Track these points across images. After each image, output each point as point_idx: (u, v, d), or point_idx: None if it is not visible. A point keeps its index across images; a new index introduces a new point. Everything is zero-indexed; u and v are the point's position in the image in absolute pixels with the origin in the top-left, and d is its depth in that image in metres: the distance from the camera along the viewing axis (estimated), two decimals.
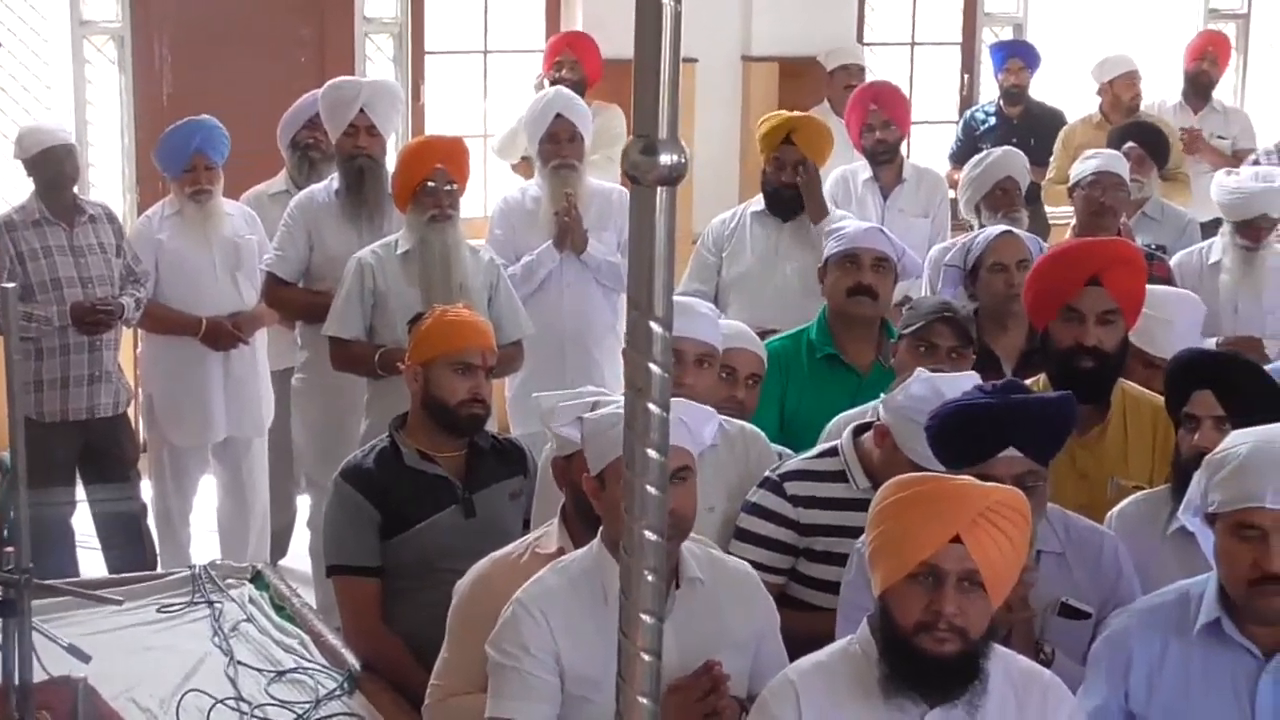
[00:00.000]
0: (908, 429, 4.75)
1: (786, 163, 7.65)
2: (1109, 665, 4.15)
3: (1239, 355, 5.13)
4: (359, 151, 7.54)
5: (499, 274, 7.18)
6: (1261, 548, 3.89)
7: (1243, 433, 4.12)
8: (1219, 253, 7.55)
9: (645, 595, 2.45)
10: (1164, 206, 8.70)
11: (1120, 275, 5.37)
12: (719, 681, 4.20)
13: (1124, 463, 5.29)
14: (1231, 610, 4.00)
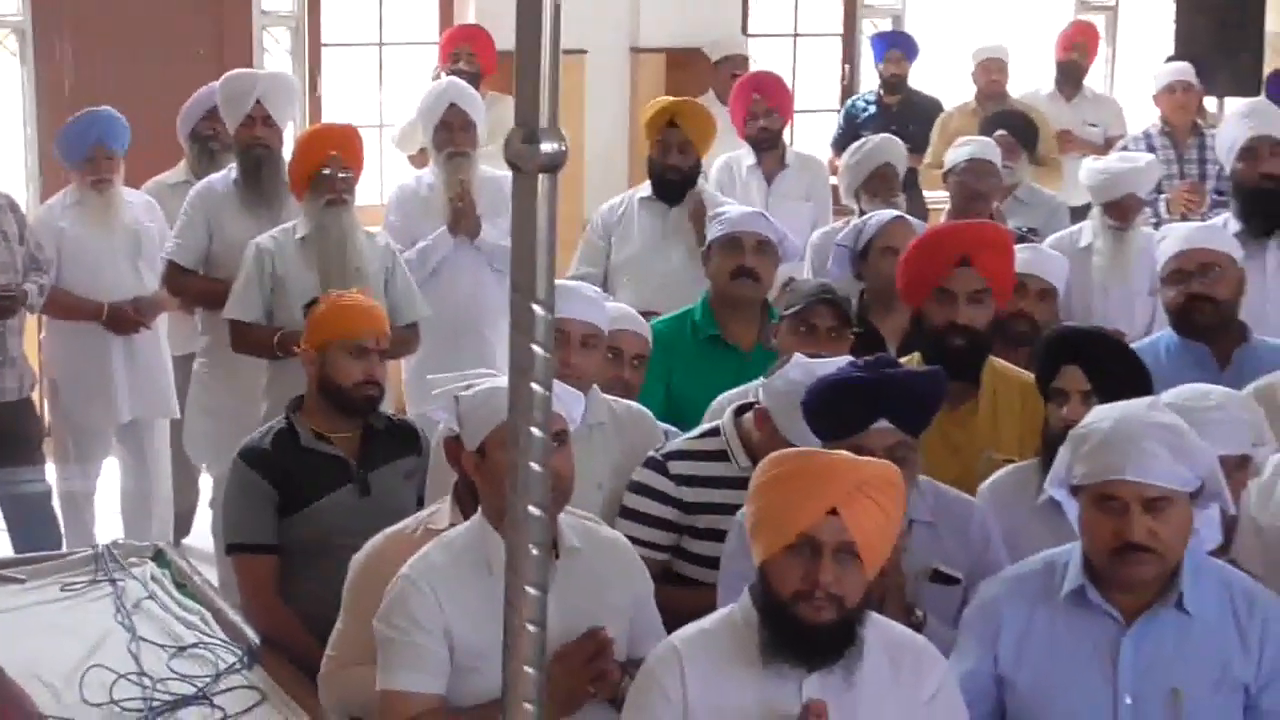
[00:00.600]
0: (786, 413, 4.76)
1: (671, 145, 7.66)
2: (979, 631, 4.18)
3: (1105, 332, 5.17)
4: (256, 142, 7.54)
5: (395, 258, 7.18)
6: (1122, 518, 3.92)
7: (1105, 408, 4.16)
8: (1089, 236, 7.59)
9: (530, 568, 2.48)
10: (1034, 190, 8.78)
11: (989, 257, 5.42)
12: (604, 646, 4.21)
13: (995, 436, 5.33)
14: (1095, 578, 4.04)
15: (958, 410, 5.34)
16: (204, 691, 4.87)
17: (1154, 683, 3.99)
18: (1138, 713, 4.00)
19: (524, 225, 2.38)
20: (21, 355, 7.68)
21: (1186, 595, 4.00)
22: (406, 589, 4.23)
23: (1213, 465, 4.04)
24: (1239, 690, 4.00)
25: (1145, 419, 4.00)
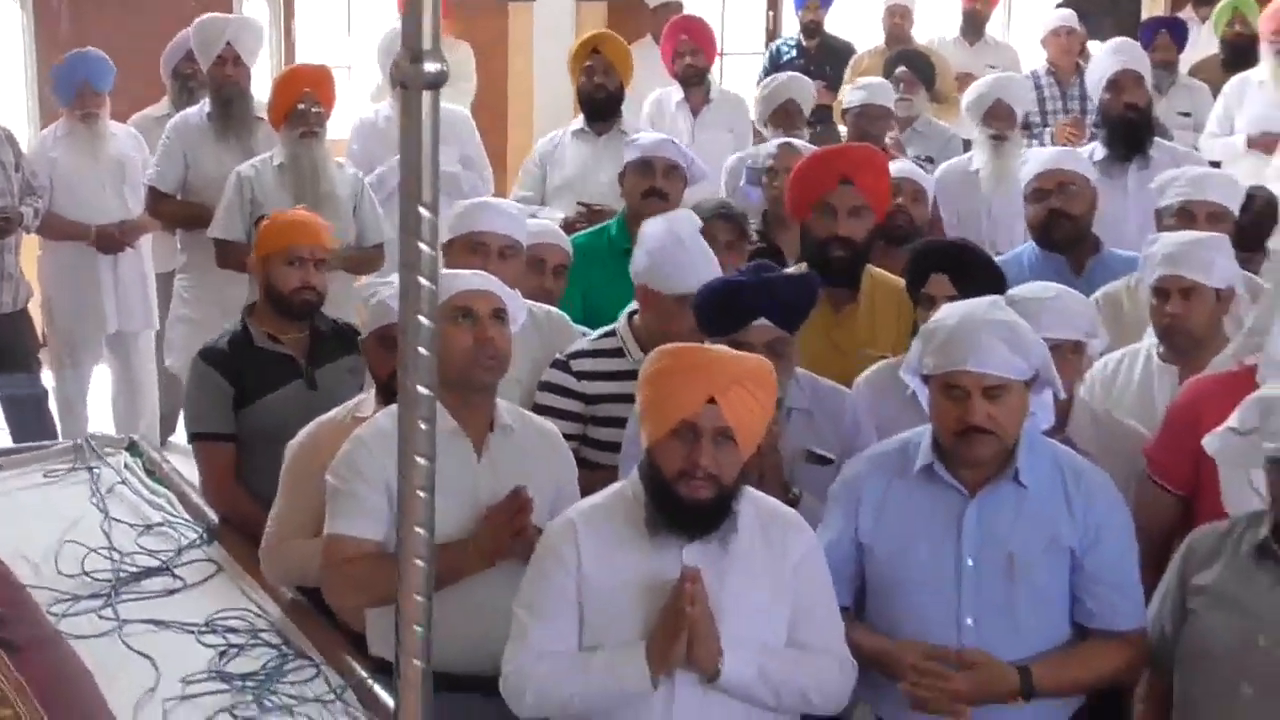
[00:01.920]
0: (654, 268, 4.95)
1: (595, 69, 7.81)
2: (843, 504, 4.22)
3: (969, 244, 5.22)
4: (226, 80, 7.70)
5: (363, 187, 7.30)
6: (965, 404, 3.97)
7: (951, 306, 4.20)
8: (977, 162, 7.64)
9: (419, 440, 2.51)
10: (931, 122, 8.81)
11: (867, 177, 5.46)
12: (525, 504, 4.27)
13: (872, 337, 5.38)
14: (942, 456, 4.09)
15: (839, 313, 5.41)
16: (166, 564, 4.90)
17: (992, 547, 4.04)
18: (978, 574, 4.04)
19: (410, 137, 2.40)
20: (19, 271, 7.77)
21: (1022, 470, 4.05)
22: (356, 447, 4.32)
23: (1045, 356, 4.08)
24: (1065, 553, 4.05)
25: (985, 316, 4.04)
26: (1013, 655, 4.02)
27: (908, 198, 6.25)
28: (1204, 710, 3.97)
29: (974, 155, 7.73)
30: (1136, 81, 7.09)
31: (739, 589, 3.87)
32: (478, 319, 4.38)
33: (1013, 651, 4.03)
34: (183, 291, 7.70)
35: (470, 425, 4.40)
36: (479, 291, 4.45)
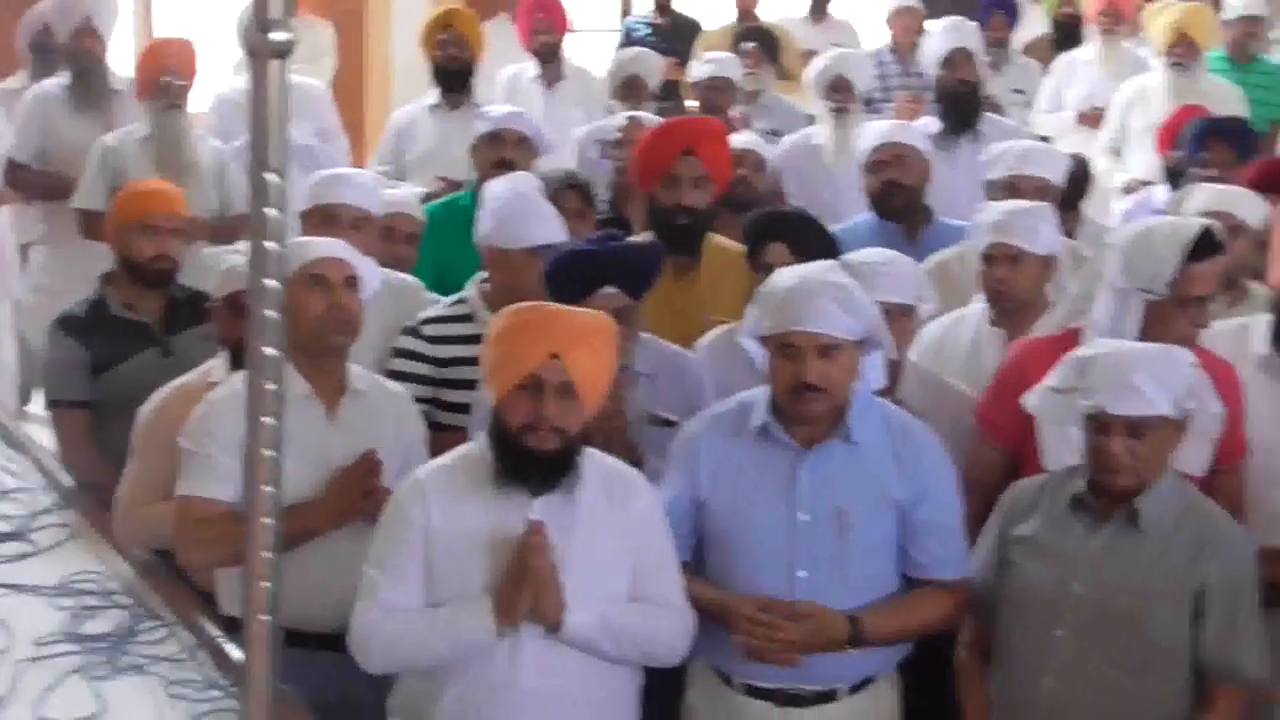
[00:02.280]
0: (500, 226, 5.05)
1: (449, 43, 7.83)
2: (682, 462, 4.25)
3: (805, 213, 5.29)
4: (84, 52, 7.61)
5: (226, 158, 7.24)
6: (799, 363, 4.02)
7: (788, 270, 4.25)
8: (821, 135, 7.70)
9: (267, 401, 2.52)
10: (777, 98, 8.88)
11: (710, 148, 5.52)
12: (375, 467, 4.31)
13: (714, 302, 5.40)
14: (778, 414, 4.14)
15: (683, 279, 5.46)
16: (20, 529, 4.84)
17: (825, 503, 4.09)
18: (811, 529, 4.09)
19: (259, 105, 2.42)
20: None
21: (853, 429, 4.10)
22: (207, 410, 4.35)
23: (877, 318, 4.14)
24: (895, 508, 4.12)
25: (820, 278, 4.10)
26: (843, 605, 4.08)
27: (749, 169, 6.32)
28: (1021, 653, 4.06)
29: (817, 129, 7.79)
30: (968, 59, 7.22)
31: (583, 544, 3.92)
32: (330, 286, 4.43)
33: (843, 602, 4.09)
34: (41, 261, 7.62)
35: (322, 389, 4.43)
36: (331, 259, 4.49)
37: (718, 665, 4.26)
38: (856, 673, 4.19)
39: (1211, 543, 3.97)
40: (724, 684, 4.25)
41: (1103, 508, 3.99)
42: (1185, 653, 3.96)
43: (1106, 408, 3.85)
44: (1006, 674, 4.12)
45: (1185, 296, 4.37)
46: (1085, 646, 3.96)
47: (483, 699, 3.91)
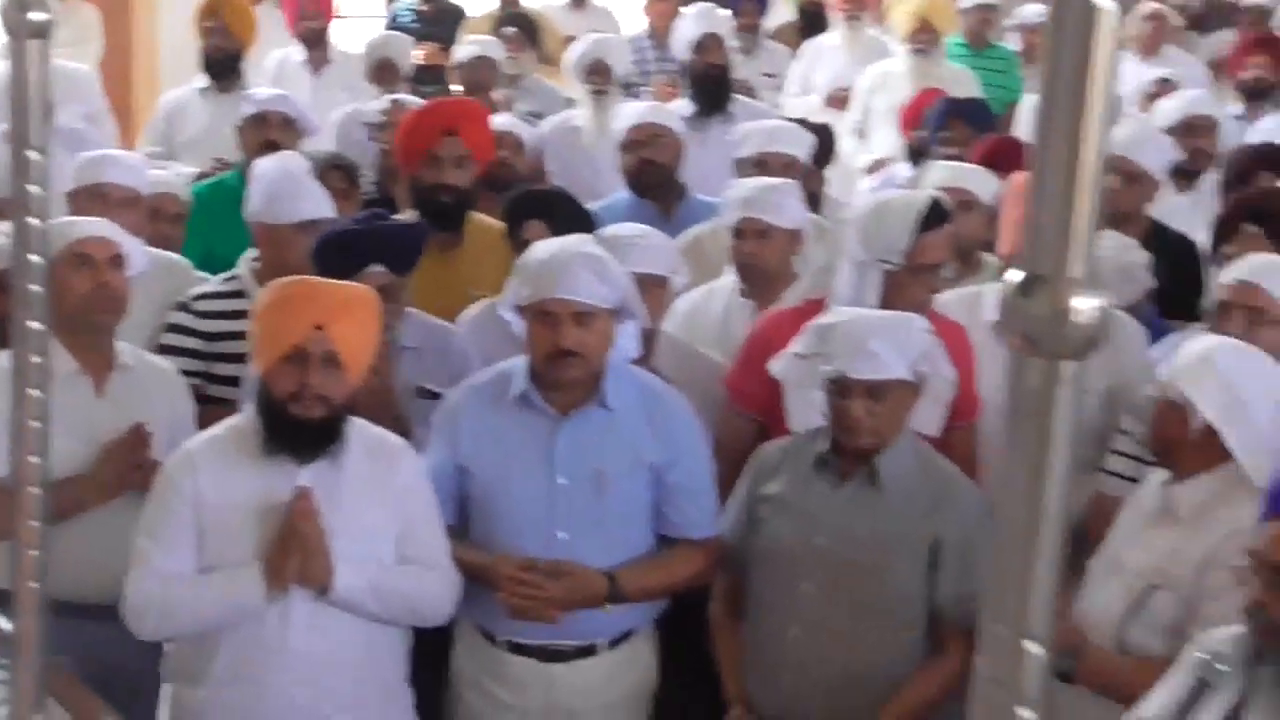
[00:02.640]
0: (268, 202, 5.06)
1: (217, 29, 7.74)
2: (444, 430, 4.30)
3: (562, 191, 5.36)
4: None
5: None
6: (556, 329, 4.08)
7: (545, 242, 4.34)
8: (581, 117, 7.76)
9: (32, 373, 2.50)
10: (539, 81, 8.93)
11: (470, 128, 5.58)
12: (144, 439, 4.33)
13: (477, 277, 5.44)
14: (537, 382, 4.20)
15: (446, 256, 5.48)
16: None
17: (582, 466, 4.17)
18: (569, 491, 4.17)
19: (19, 83, 2.40)
20: None
21: (608, 395, 4.18)
22: None
23: (630, 288, 4.22)
24: (649, 470, 4.21)
25: (575, 249, 4.17)
26: (602, 564, 4.17)
27: (510, 150, 6.36)
28: (770, 606, 4.16)
29: (577, 111, 7.85)
30: (718, 44, 7.35)
31: (350, 509, 3.96)
32: (96, 264, 4.41)
33: (601, 561, 4.18)
34: None
35: (90, 365, 4.40)
36: (97, 238, 4.46)
37: (482, 624, 4.31)
38: (615, 628, 4.27)
39: (946, 498, 4.11)
40: (488, 642, 4.31)
41: (844, 467, 4.10)
42: (922, 602, 4.10)
43: (847, 372, 3.96)
44: (756, 626, 4.22)
45: (919, 265, 4.51)
46: (829, 598, 4.08)
47: (255, 660, 3.93)
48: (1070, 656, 3.81)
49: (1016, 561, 1.53)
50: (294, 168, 5.12)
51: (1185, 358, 3.91)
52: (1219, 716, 3.21)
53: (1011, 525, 1.53)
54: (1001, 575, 1.56)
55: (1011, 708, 1.54)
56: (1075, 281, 1.42)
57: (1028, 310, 1.43)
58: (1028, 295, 1.43)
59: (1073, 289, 1.42)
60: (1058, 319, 1.42)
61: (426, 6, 10.80)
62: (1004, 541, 1.55)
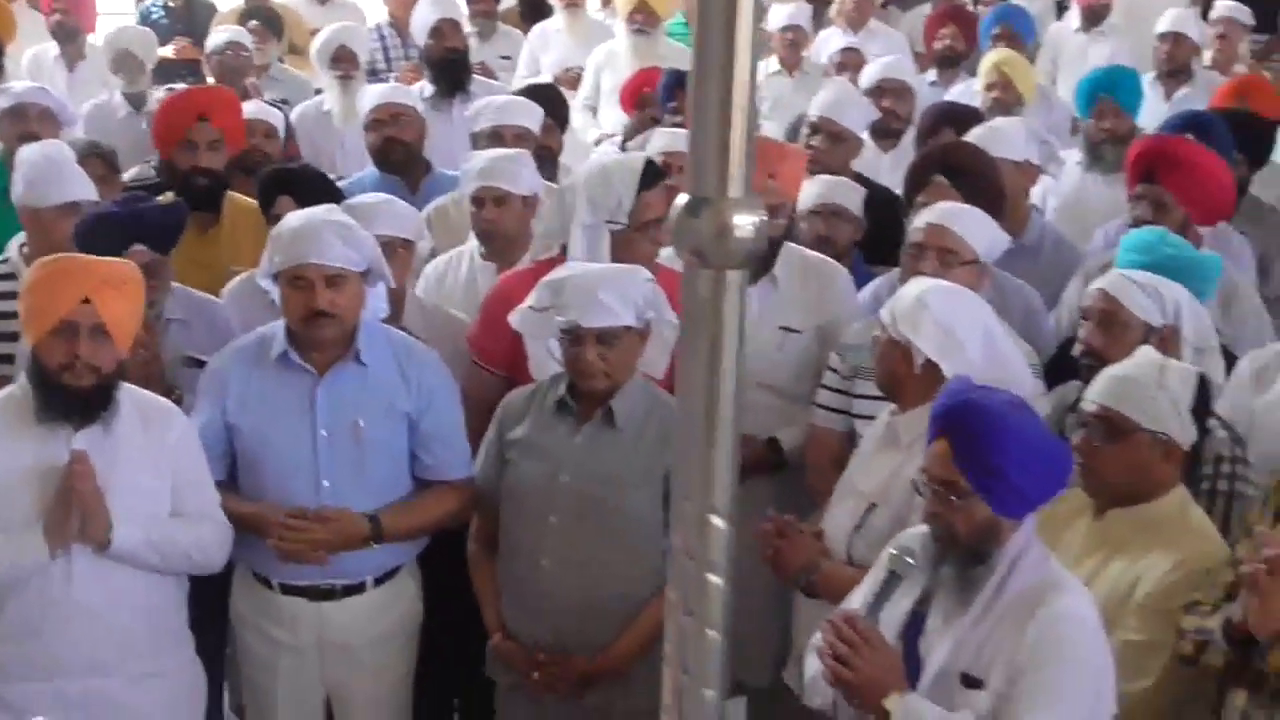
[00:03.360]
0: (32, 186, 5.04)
1: None
2: (210, 391, 4.36)
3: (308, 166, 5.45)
4: None
5: None
6: (310, 293, 4.17)
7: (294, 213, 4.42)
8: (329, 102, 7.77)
9: None
10: (285, 70, 8.87)
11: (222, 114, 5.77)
12: None
13: (235, 254, 5.51)
14: (294, 343, 4.29)
15: (207, 235, 5.55)
16: None
17: (341, 418, 4.26)
18: (331, 442, 4.26)
19: None
20: None
21: (362, 351, 4.28)
22: None
23: (377, 252, 4.32)
24: (403, 419, 4.32)
25: (323, 218, 4.27)
26: (364, 508, 4.28)
27: (261, 136, 6.38)
28: (521, 540, 4.28)
29: (325, 96, 7.90)
30: (454, 28, 7.46)
31: (124, 469, 4.01)
32: None
33: (363, 505, 4.28)
34: None
35: None
36: None
37: (257, 569, 4.40)
38: (380, 566, 4.39)
39: (672, 431, 4.26)
40: (264, 585, 4.40)
41: (582, 409, 4.23)
42: (660, 529, 4.20)
43: (579, 322, 4.09)
44: (510, 559, 4.33)
45: (642, 222, 4.67)
46: (575, 530, 4.20)
47: (41, 615, 3.97)
48: (809, 572, 4.01)
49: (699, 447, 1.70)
50: (55, 153, 5.11)
51: (902, 301, 4.07)
52: (909, 605, 3.42)
53: (692, 416, 1.69)
54: (686, 460, 1.72)
55: (704, 575, 1.72)
56: (735, 201, 1.59)
57: (695, 228, 1.59)
58: (694, 215, 1.58)
59: (733, 208, 1.58)
60: (722, 235, 1.58)
61: (175, 3, 10.67)
62: (686, 431, 1.71)
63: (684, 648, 1.70)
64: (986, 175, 5.08)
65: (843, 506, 4.14)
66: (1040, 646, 3.20)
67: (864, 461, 4.19)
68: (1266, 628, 3.32)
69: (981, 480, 3.27)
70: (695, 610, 1.68)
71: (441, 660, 4.76)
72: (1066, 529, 3.83)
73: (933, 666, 3.33)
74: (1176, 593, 3.59)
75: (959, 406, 3.35)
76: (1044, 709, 3.17)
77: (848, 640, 3.28)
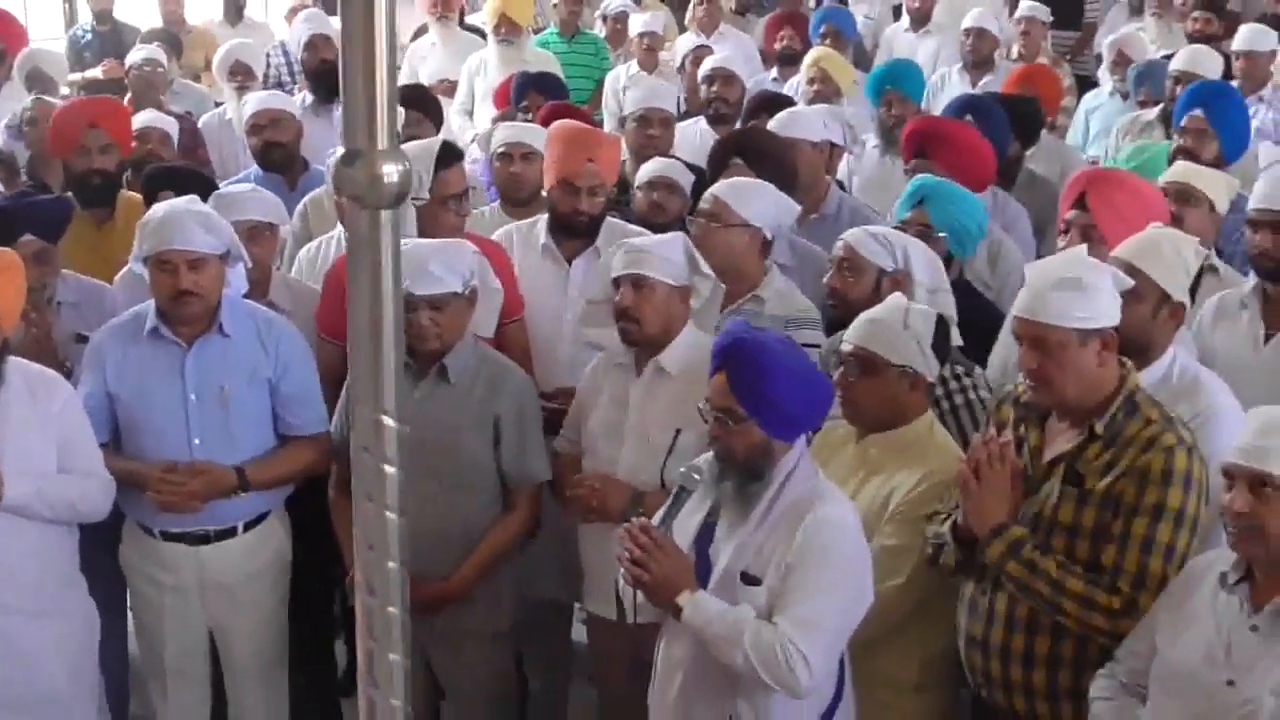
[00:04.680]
0: None
1: None
2: (92, 363, 4.45)
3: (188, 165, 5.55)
4: None
5: None
6: (174, 275, 4.29)
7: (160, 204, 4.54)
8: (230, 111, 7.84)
9: None
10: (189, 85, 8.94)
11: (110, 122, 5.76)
12: None
13: (126, 245, 5.40)
14: (164, 318, 4.39)
15: (101, 230, 5.63)
16: None
17: (208, 383, 4.38)
18: (200, 405, 4.38)
19: None
20: None
21: (225, 324, 4.40)
22: None
23: (234, 237, 4.44)
24: (264, 383, 4.44)
25: (183, 209, 4.38)
26: (231, 462, 4.40)
27: (156, 140, 6.46)
28: None
29: (226, 106, 7.99)
30: (326, 41, 7.57)
31: (14, 433, 4.10)
32: None
33: (231, 459, 4.41)
34: None
35: None
36: None
37: (140, 520, 4.52)
38: (249, 512, 4.51)
39: (501, 383, 4.40)
40: (147, 534, 4.52)
41: (420, 368, 4.35)
42: (492, 470, 4.40)
43: (412, 290, 4.18)
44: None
45: (443, 196, 4.80)
46: (418, 474, 4.30)
47: None
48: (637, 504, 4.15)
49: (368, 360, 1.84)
50: None
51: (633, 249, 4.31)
52: (701, 518, 3.59)
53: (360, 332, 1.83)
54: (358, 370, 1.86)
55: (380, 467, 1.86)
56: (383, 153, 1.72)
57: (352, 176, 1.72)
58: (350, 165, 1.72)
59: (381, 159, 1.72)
60: (374, 182, 1.72)
61: (103, 28, 10.70)
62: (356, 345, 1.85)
63: (368, 529, 1.83)
64: (778, 156, 5.26)
65: (644, 445, 4.26)
66: (807, 547, 3.38)
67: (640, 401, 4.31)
68: (979, 526, 3.52)
69: (755, 407, 3.45)
70: (374, 497, 1.80)
71: (313, 595, 4.90)
72: (836, 454, 4.01)
73: (719, 568, 3.51)
74: (922, 503, 3.79)
75: (735, 344, 3.53)
76: (810, 599, 3.35)
77: (644, 547, 3.44)
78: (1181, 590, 3.30)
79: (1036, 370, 3.51)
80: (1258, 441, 3.13)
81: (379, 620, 1.80)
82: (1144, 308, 3.84)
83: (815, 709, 3.53)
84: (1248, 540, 3.14)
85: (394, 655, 1.80)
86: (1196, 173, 5.06)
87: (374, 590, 1.79)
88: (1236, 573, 3.20)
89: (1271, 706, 3.05)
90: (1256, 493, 3.11)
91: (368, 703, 1.80)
